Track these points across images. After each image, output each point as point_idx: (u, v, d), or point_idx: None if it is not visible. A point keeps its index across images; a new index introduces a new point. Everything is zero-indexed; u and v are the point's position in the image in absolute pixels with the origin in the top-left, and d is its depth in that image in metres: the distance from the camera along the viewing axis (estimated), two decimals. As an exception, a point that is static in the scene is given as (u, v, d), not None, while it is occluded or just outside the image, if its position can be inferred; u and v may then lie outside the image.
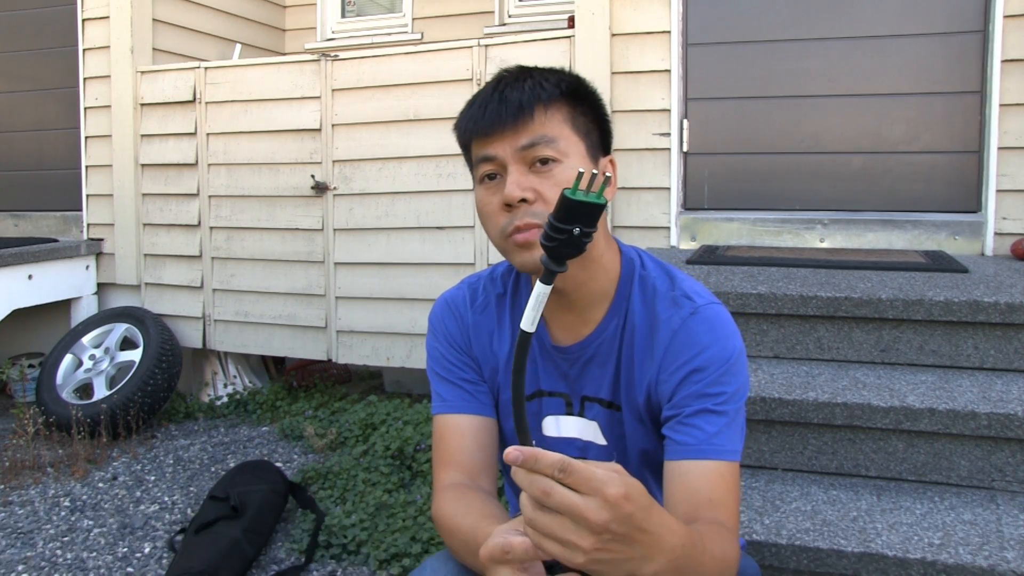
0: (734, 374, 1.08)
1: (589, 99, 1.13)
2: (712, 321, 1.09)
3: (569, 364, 1.17)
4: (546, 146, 1.06)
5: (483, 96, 1.10)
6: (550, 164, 1.06)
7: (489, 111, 1.07)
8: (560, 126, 1.07)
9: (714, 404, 1.06)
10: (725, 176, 3.16)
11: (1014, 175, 2.82)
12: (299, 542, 2.49)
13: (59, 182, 4.22)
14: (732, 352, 1.08)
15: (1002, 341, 2.10)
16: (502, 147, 1.06)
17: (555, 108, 1.08)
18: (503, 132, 1.06)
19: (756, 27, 3.11)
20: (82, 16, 3.98)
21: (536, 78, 1.10)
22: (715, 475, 1.03)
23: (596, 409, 1.17)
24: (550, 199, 1.04)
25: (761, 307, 2.24)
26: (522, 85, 1.08)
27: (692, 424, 1.06)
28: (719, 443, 1.05)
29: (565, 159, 1.06)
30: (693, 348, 1.08)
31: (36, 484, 2.98)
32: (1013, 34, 2.78)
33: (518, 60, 3.20)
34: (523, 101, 1.06)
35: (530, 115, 1.06)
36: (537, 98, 1.07)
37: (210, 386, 3.99)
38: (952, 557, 1.54)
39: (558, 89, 1.09)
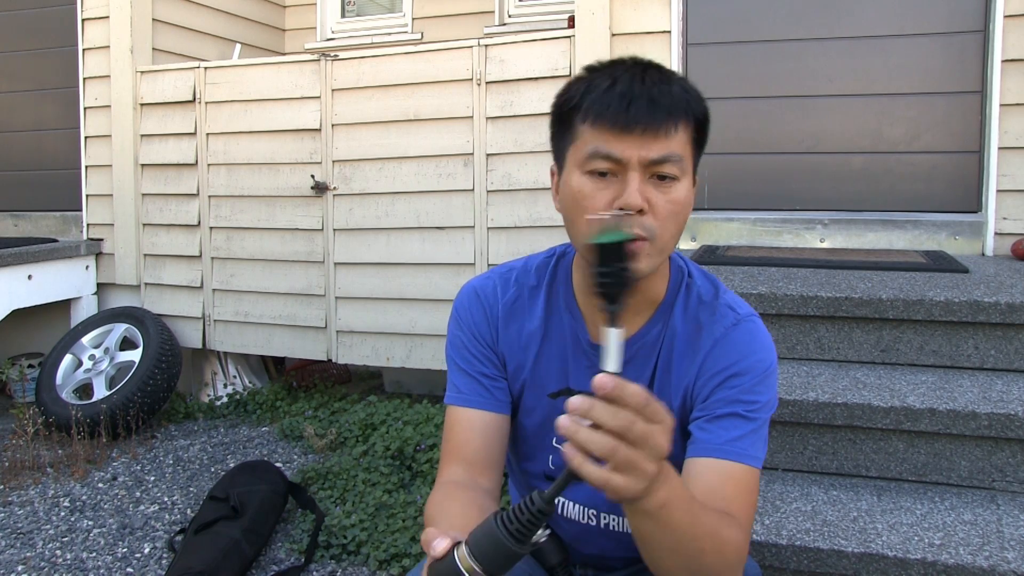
0: (767, 386, 1.10)
1: (707, 123, 1.09)
2: (753, 333, 1.12)
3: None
4: (673, 164, 1.02)
5: (626, 85, 1.01)
6: (668, 180, 1.03)
7: (635, 109, 0.99)
8: (687, 145, 1.05)
9: (744, 410, 1.07)
10: (725, 176, 3.16)
11: (1014, 175, 2.82)
12: (299, 542, 2.48)
13: (59, 182, 4.22)
14: (769, 365, 1.11)
15: (1002, 341, 2.10)
16: (632, 151, 1.00)
17: (691, 125, 1.05)
18: (643, 136, 1.00)
19: (756, 27, 3.11)
20: (82, 16, 3.98)
21: (681, 84, 1.04)
22: (732, 476, 1.04)
23: None
24: (661, 215, 1.02)
25: (761, 307, 2.23)
26: (670, 89, 1.02)
27: (719, 424, 1.07)
28: (742, 446, 1.05)
29: (683, 178, 1.04)
30: (733, 356, 1.09)
31: (36, 484, 2.97)
32: (1013, 34, 2.78)
33: (518, 60, 3.22)
34: (672, 110, 1.01)
35: (674, 127, 1.01)
36: (685, 110, 1.02)
37: (210, 386, 3.99)
38: (952, 557, 1.54)
39: (698, 107, 1.05)
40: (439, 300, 3.39)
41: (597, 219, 0.90)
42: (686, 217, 1.06)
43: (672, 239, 1.05)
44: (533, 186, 3.23)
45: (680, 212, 1.04)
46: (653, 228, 1.01)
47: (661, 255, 1.05)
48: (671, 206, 1.02)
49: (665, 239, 1.04)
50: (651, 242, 1.02)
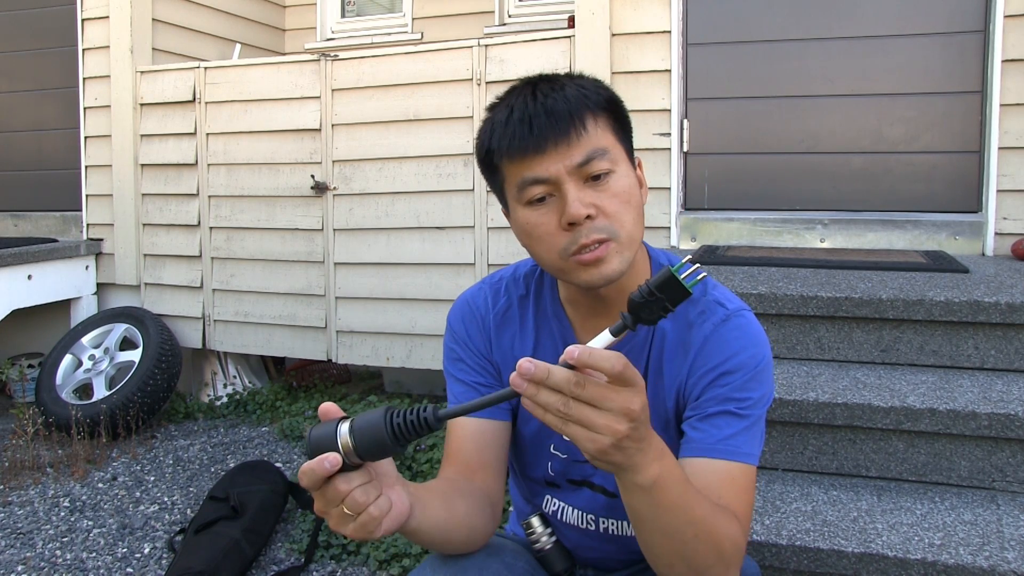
0: (760, 381, 1.08)
1: (623, 106, 1.08)
2: (743, 328, 1.10)
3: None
4: (601, 159, 1.00)
5: (522, 109, 1.01)
6: (604, 177, 1.01)
7: (537, 126, 0.99)
8: (607, 135, 1.03)
9: (737, 407, 1.06)
10: (725, 176, 3.16)
11: (1014, 175, 2.82)
12: (299, 542, 2.48)
13: (59, 182, 4.22)
14: (761, 359, 1.09)
15: (1003, 341, 2.10)
16: (554, 166, 0.99)
17: (601, 116, 1.03)
18: (556, 148, 0.99)
19: (756, 27, 3.11)
20: (82, 16, 3.98)
21: (575, 84, 1.04)
22: (727, 475, 1.03)
23: None
24: (611, 212, 1.01)
25: (761, 307, 2.23)
26: (563, 93, 1.01)
27: (711, 423, 1.06)
28: (735, 444, 1.04)
29: (617, 168, 1.03)
30: (724, 353, 1.08)
31: (36, 484, 2.97)
32: (1013, 34, 2.78)
33: (518, 60, 3.22)
34: (572, 111, 1.00)
35: (583, 127, 1.00)
36: (586, 106, 1.01)
37: (210, 386, 3.99)
38: (952, 557, 1.54)
39: (601, 96, 1.03)
40: (439, 300, 3.39)
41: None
42: (639, 201, 1.05)
43: (634, 227, 1.04)
44: (533, 186, 3.22)
45: (629, 199, 1.03)
46: (609, 227, 1.01)
47: (631, 247, 1.04)
48: (617, 198, 1.01)
49: (627, 230, 1.03)
50: (613, 240, 1.01)
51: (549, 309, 1.20)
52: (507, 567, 1.15)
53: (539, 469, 1.24)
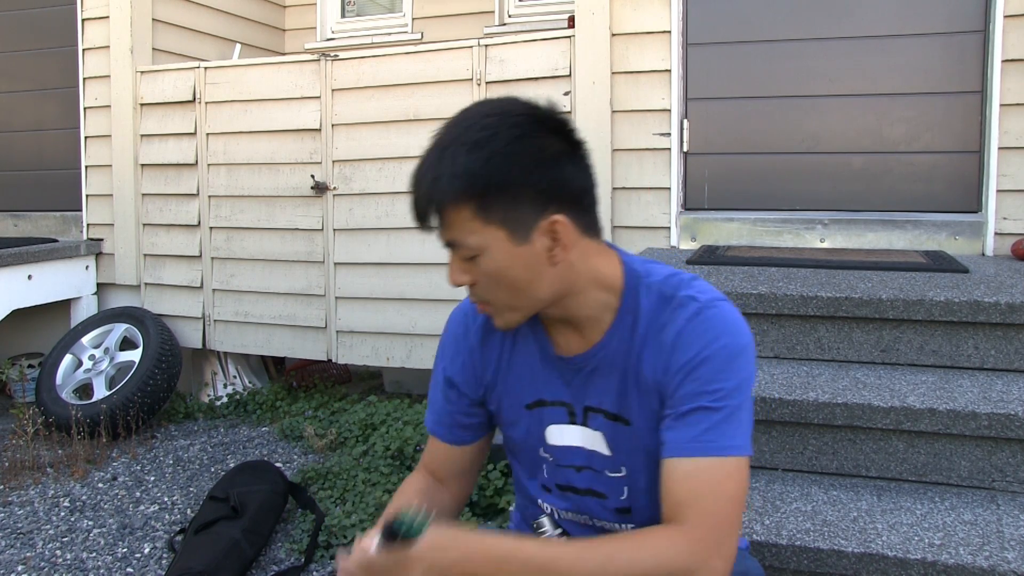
0: (735, 369, 1.06)
1: (505, 181, 1.01)
2: (715, 319, 1.08)
3: (573, 374, 1.16)
4: (459, 247, 1.05)
5: (410, 188, 1.08)
6: (472, 257, 1.05)
7: (415, 215, 1.07)
8: (468, 223, 1.02)
9: (710, 400, 1.04)
10: (725, 176, 3.16)
11: (1014, 175, 2.82)
12: (299, 542, 2.48)
13: (59, 182, 4.22)
14: (735, 348, 1.07)
15: (1002, 341, 2.10)
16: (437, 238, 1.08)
17: (457, 209, 1.02)
18: (432, 229, 1.07)
19: (756, 27, 3.11)
20: (82, 16, 3.98)
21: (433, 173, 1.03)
22: (696, 473, 1.02)
23: (600, 420, 1.16)
24: (483, 284, 1.07)
25: (761, 307, 2.23)
26: (421, 184, 1.04)
27: (683, 422, 1.05)
28: (709, 439, 1.03)
29: (484, 251, 1.04)
30: (695, 346, 1.06)
31: (36, 484, 2.97)
32: (1013, 34, 2.78)
33: (518, 60, 3.22)
34: (420, 208, 1.05)
35: (431, 222, 1.04)
36: (433, 201, 1.03)
37: (210, 386, 3.99)
38: (952, 557, 1.54)
39: (455, 188, 1.01)
40: (439, 300, 3.39)
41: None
42: (515, 280, 1.06)
43: (511, 299, 1.08)
44: (533, 186, 3.22)
45: (500, 279, 1.06)
46: (483, 296, 1.08)
47: (514, 312, 1.10)
48: (486, 277, 1.06)
49: (501, 303, 1.09)
50: (491, 305, 1.10)
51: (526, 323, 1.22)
52: None
53: (536, 477, 1.26)
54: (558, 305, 1.11)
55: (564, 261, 1.07)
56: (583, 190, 1.08)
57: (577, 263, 1.09)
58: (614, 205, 3.14)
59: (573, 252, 1.07)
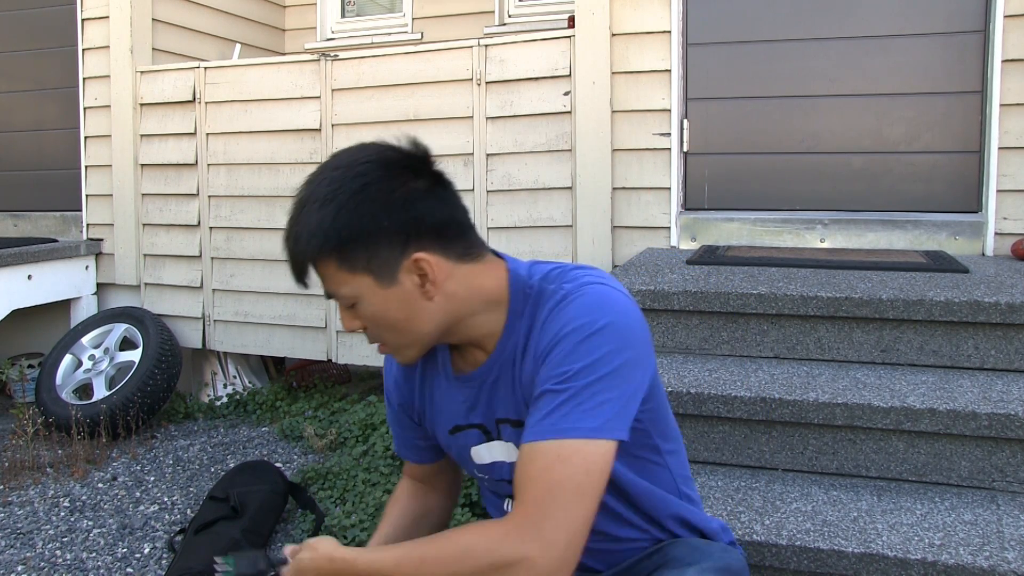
0: (586, 350, 1.02)
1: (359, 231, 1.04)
2: (577, 302, 1.06)
3: (476, 390, 1.18)
4: (337, 296, 1.09)
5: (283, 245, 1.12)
6: (353, 306, 1.09)
7: (290, 267, 1.10)
8: (336, 275, 1.07)
9: (554, 384, 1.02)
10: (725, 176, 3.16)
11: (1015, 175, 2.82)
12: (299, 542, 2.48)
13: (59, 182, 4.22)
14: (590, 326, 1.03)
15: (1003, 341, 2.10)
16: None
17: (322, 264, 1.07)
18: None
19: (756, 27, 3.11)
20: (82, 16, 3.98)
21: (297, 230, 1.07)
22: (527, 459, 1.00)
23: (509, 430, 1.17)
24: (369, 328, 1.11)
25: (761, 307, 2.23)
26: (287, 243, 1.09)
27: (532, 409, 1.04)
28: (547, 423, 1.00)
29: (359, 299, 1.07)
30: (552, 332, 1.05)
31: (35, 484, 2.97)
32: (1013, 34, 2.78)
33: (518, 60, 3.22)
34: (294, 267, 1.08)
35: (308, 277, 1.09)
36: (303, 262, 1.08)
37: (210, 386, 3.99)
38: (952, 558, 1.54)
39: (314, 245, 1.05)
40: (439, 300, 3.39)
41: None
42: (396, 319, 1.09)
43: (401, 336, 1.11)
44: (533, 186, 3.23)
45: (380, 322, 1.09)
46: (375, 336, 1.12)
47: (409, 348, 1.13)
48: (370, 320, 1.10)
49: (391, 341, 1.12)
50: (385, 344, 1.13)
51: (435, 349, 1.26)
52: None
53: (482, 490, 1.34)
54: (453, 333, 1.13)
55: (441, 293, 1.08)
56: (444, 222, 1.09)
57: (460, 291, 1.10)
58: (614, 205, 3.14)
59: (450, 282, 1.08)
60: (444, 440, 1.27)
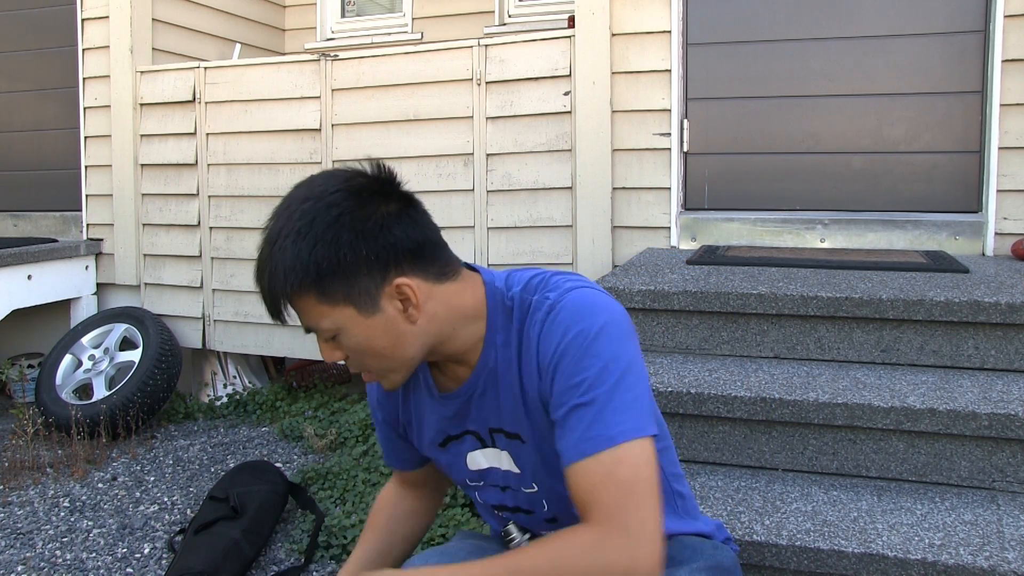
0: (594, 354, 1.03)
1: (335, 263, 1.02)
2: (567, 309, 1.06)
3: (463, 404, 1.18)
4: (317, 330, 1.06)
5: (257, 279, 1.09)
6: (335, 338, 1.06)
7: (270, 312, 1.07)
8: (314, 309, 1.04)
9: (579, 396, 1.02)
10: (725, 176, 3.16)
11: (1015, 175, 2.82)
12: (299, 542, 2.48)
13: (59, 182, 4.22)
14: (588, 332, 1.03)
15: (1003, 341, 2.10)
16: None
17: (299, 299, 1.04)
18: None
19: (756, 27, 3.11)
20: (82, 16, 3.98)
21: (271, 266, 1.03)
22: (583, 475, 1.00)
23: (503, 439, 1.17)
24: (355, 357, 1.08)
25: (761, 307, 2.23)
26: (262, 279, 1.05)
27: (565, 428, 1.03)
28: (591, 436, 1.00)
29: (341, 331, 1.05)
30: (552, 343, 1.05)
31: (35, 485, 2.97)
32: (1013, 34, 2.78)
33: (518, 60, 3.22)
34: (270, 304, 1.06)
35: (287, 312, 1.06)
36: (279, 299, 1.04)
37: (210, 386, 3.99)
38: (953, 558, 1.54)
39: (292, 281, 1.02)
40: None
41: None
42: (380, 347, 1.07)
43: (382, 364, 1.09)
44: (533, 186, 3.23)
45: (364, 351, 1.07)
46: (360, 365, 1.10)
47: (396, 372, 1.11)
48: (353, 351, 1.07)
49: (379, 368, 1.10)
50: (371, 372, 1.11)
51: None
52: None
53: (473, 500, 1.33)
54: (436, 352, 1.13)
55: (423, 316, 1.07)
56: (420, 244, 1.07)
57: (440, 311, 1.09)
58: (614, 205, 3.14)
59: (430, 304, 1.08)
60: (432, 452, 1.27)
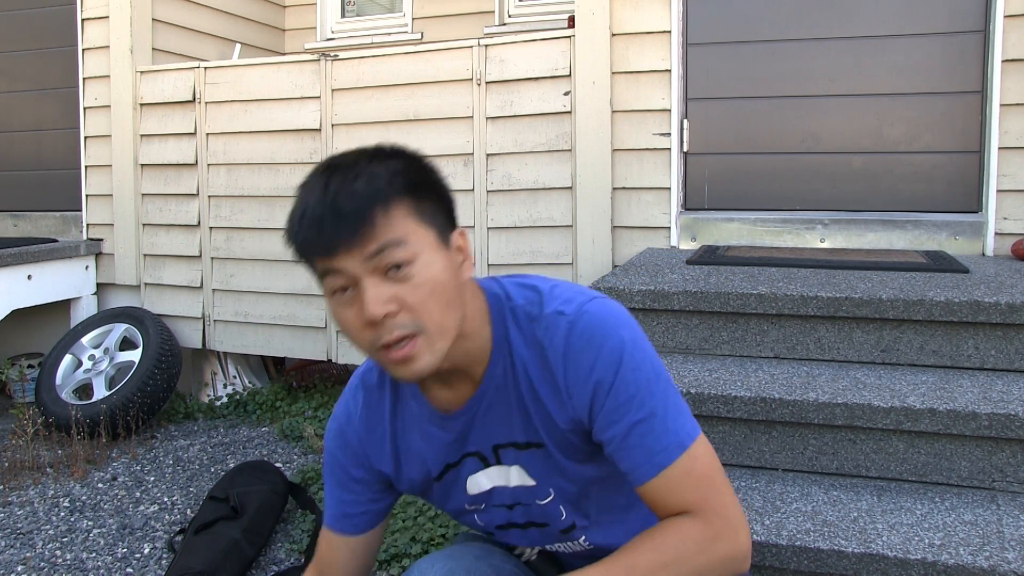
0: (635, 368, 1.03)
1: (429, 181, 1.01)
2: (591, 326, 1.05)
3: (468, 423, 1.13)
4: (396, 249, 0.95)
5: (313, 207, 0.95)
6: (404, 267, 0.95)
7: (326, 229, 0.94)
8: (405, 223, 0.96)
9: (636, 412, 1.03)
10: (725, 176, 3.16)
11: (1015, 175, 2.82)
12: (299, 542, 2.48)
13: (59, 182, 4.22)
14: (622, 347, 1.04)
15: (1003, 341, 2.10)
16: (349, 262, 0.95)
17: (396, 205, 0.96)
18: (348, 247, 0.94)
19: (756, 27, 3.11)
20: (82, 16, 3.98)
21: (367, 174, 0.96)
22: (669, 484, 1.03)
23: (512, 454, 1.14)
24: (413, 304, 0.96)
25: (761, 307, 2.23)
26: (353, 188, 0.94)
27: (627, 445, 1.04)
28: (660, 448, 1.03)
29: (419, 257, 0.96)
30: (586, 363, 1.04)
31: (35, 485, 2.97)
32: (1013, 34, 2.78)
33: (518, 60, 3.22)
34: (360, 209, 0.94)
35: (371, 222, 0.94)
36: (374, 200, 0.95)
37: (210, 386, 3.99)
38: (953, 558, 1.54)
39: (395, 184, 0.97)
40: (439, 300, 3.39)
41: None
42: (447, 289, 0.99)
43: (444, 315, 0.98)
44: (533, 186, 3.23)
45: (435, 290, 0.97)
46: (414, 321, 0.96)
47: (443, 336, 0.99)
48: (420, 291, 0.96)
49: (435, 322, 0.98)
50: (421, 334, 0.97)
51: (407, 390, 1.17)
52: (495, 570, 1.18)
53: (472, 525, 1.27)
54: (451, 352, 1.03)
55: (465, 284, 1.04)
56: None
57: (463, 291, 1.05)
58: (614, 205, 3.14)
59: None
60: (421, 488, 1.22)
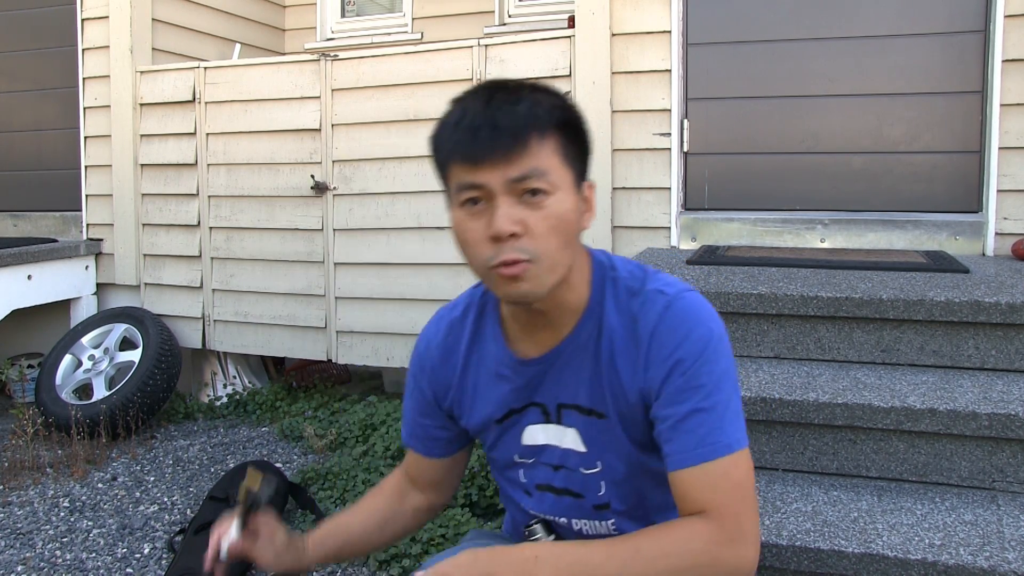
0: (714, 361, 1.06)
1: (580, 128, 1.07)
2: (687, 310, 1.08)
3: (541, 374, 1.15)
4: (538, 178, 1.00)
5: (472, 115, 1.01)
6: (540, 196, 1.01)
7: (481, 137, 0.99)
8: (552, 157, 1.02)
9: (699, 400, 1.04)
10: (725, 176, 3.16)
11: (1015, 175, 2.82)
12: (299, 543, 2.48)
13: (58, 182, 4.22)
14: (707, 337, 1.07)
15: (1003, 341, 2.10)
16: (492, 176, 1.00)
17: (549, 137, 1.02)
18: (495, 162, 0.99)
19: (756, 27, 3.11)
20: (81, 16, 3.98)
21: (530, 100, 1.02)
22: (703, 478, 1.03)
23: (574, 416, 1.16)
24: (537, 233, 1.01)
25: (762, 307, 2.23)
26: (515, 108, 1.00)
27: (681, 430, 1.05)
28: (710, 442, 1.04)
29: (555, 192, 1.02)
30: (672, 341, 1.07)
31: (35, 485, 2.97)
32: (1013, 34, 2.78)
33: (518, 60, 3.22)
34: (518, 129, 0.99)
35: (525, 145, 0.99)
36: (533, 126, 1.00)
37: (210, 386, 3.99)
38: (953, 558, 1.53)
39: (553, 117, 1.03)
40: (439, 300, 3.38)
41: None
42: (572, 228, 1.05)
43: (560, 252, 1.03)
44: (533, 186, 3.22)
45: (559, 225, 1.02)
46: (533, 249, 1.01)
47: (552, 272, 1.04)
48: (547, 222, 1.01)
49: (550, 256, 1.02)
50: (534, 263, 1.01)
51: (488, 330, 1.20)
52: None
53: (514, 477, 1.27)
54: (552, 295, 1.07)
55: (582, 233, 1.09)
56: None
57: (580, 239, 1.10)
58: (614, 205, 3.14)
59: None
60: (481, 428, 1.24)
